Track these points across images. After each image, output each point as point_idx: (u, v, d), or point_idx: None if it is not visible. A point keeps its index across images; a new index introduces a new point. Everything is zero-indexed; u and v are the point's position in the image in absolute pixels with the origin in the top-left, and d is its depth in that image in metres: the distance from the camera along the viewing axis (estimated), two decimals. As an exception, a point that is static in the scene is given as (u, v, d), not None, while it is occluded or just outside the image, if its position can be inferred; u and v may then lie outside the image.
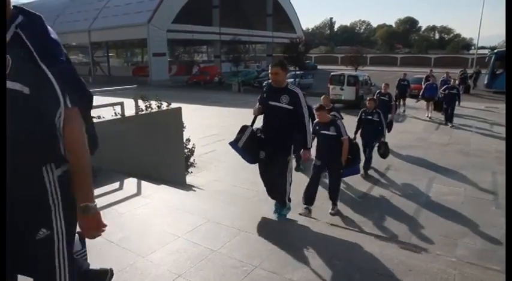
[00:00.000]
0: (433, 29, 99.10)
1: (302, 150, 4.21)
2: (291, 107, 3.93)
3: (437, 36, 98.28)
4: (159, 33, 33.04)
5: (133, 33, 34.50)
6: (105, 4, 38.24)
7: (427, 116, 14.62)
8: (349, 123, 6.95)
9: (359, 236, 4.02)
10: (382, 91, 10.10)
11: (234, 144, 4.10)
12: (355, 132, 7.63)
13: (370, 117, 7.57)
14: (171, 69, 37.59)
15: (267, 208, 4.60)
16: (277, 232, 3.48)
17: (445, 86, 13.91)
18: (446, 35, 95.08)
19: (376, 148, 7.94)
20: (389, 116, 9.25)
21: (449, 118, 13.19)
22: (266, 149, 4.12)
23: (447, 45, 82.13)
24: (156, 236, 3.38)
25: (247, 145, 4.06)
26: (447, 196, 6.58)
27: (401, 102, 15.80)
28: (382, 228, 5.41)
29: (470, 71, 26.19)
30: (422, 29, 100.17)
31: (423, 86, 15.40)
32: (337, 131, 5.42)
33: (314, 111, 5.69)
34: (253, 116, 4.26)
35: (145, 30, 32.47)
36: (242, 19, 46.12)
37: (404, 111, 16.00)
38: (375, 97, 8.83)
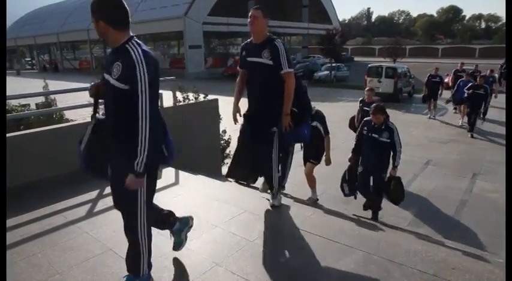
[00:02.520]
0: (478, 17, 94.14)
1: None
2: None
3: (483, 25, 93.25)
4: (195, 25, 33.41)
5: (170, 26, 35.05)
6: (144, -2, 39.06)
7: (460, 123, 11.90)
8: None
9: (398, 233, 3.92)
10: (366, 100, 7.02)
11: (78, 146, 2.52)
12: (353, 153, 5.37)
13: (376, 136, 4.92)
14: (207, 62, 37.97)
15: (304, 200, 4.57)
16: (315, 224, 3.46)
17: (470, 84, 10.72)
18: (493, 24, 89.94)
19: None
20: None
21: (471, 125, 10.54)
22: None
23: (494, 35, 77.64)
24: (193, 225, 3.45)
25: (93, 147, 2.45)
26: (491, 193, 6.28)
27: (431, 105, 13.07)
28: (421, 225, 5.26)
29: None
30: (467, 17, 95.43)
31: (452, 84, 12.83)
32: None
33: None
34: None
35: (182, 23, 32.90)
36: (277, 10, 45.65)
37: (434, 116, 13.20)
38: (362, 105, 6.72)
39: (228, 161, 7.68)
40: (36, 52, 56.24)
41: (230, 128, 7.99)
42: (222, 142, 7.39)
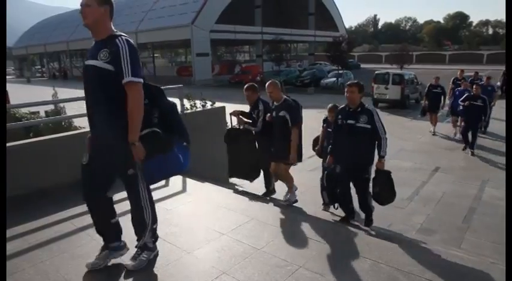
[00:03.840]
0: (486, 23, 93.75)
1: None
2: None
3: (490, 31, 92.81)
4: (202, 33, 33.72)
5: (178, 34, 35.42)
6: (152, 7, 39.59)
7: (453, 135, 10.97)
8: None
9: (406, 240, 3.89)
10: (330, 120, 5.29)
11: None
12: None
13: (353, 121, 4.14)
14: (214, 69, 38.23)
15: (312, 207, 4.56)
16: (323, 232, 3.44)
17: (465, 95, 9.26)
18: (501, 30, 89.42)
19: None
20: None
21: (471, 142, 9.12)
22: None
23: (502, 41, 77.18)
24: (200, 232, 3.46)
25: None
26: (500, 200, 6.20)
27: (433, 119, 11.55)
28: (430, 232, 5.20)
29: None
30: (474, 24, 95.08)
31: (450, 93, 11.45)
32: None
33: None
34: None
35: (189, 31, 33.24)
36: (284, 18, 45.95)
37: (434, 132, 11.58)
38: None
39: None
40: (46, 60, 57.13)
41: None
42: (229, 149, 7.40)
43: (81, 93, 2.84)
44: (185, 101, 6.49)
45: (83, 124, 7.87)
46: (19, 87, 30.90)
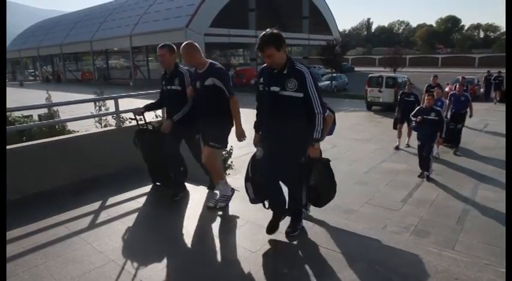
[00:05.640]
0: (477, 27, 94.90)
1: None
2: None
3: (482, 34, 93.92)
4: (196, 37, 33.71)
5: (172, 37, 35.36)
6: (146, 10, 39.58)
7: (435, 153, 8.85)
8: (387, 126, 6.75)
9: (401, 242, 3.91)
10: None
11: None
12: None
13: (277, 88, 3.03)
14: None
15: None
16: (316, 235, 3.45)
17: (417, 108, 7.82)
18: (492, 33, 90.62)
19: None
20: None
21: (425, 166, 7.60)
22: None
23: (493, 44, 78.11)
24: (195, 235, 3.46)
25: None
26: (493, 202, 6.27)
27: (401, 130, 10.19)
28: (423, 234, 5.24)
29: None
30: (466, 27, 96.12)
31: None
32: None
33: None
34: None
35: (183, 35, 33.22)
36: (278, 22, 46.07)
37: (407, 144, 10.18)
38: None
39: (230, 172, 7.69)
40: (39, 63, 56.83)
41: (231, 139, 8.03)
42: (223, 152, 7.40)
43: (71, 96, 2.84)
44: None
45: (76, 128, 7.84)
46: (12, 91, 30.65)
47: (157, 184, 4.75)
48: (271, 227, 3.27)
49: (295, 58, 3.80)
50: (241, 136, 3.81)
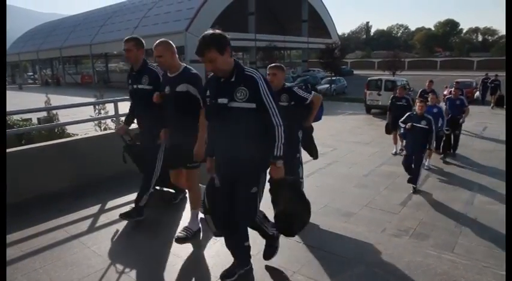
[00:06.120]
0: (475, 30, 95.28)
1: None
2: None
3: (480, 38, 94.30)
4: (196, 40, 33.43)
5: (172, 40, 34.80)
6: (146, 14, 39.72)
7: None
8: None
9: (400, 245, 3.91)
10: None
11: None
12: None
13: (224, 100, 2.57)
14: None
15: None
16: (317, 238, 3.46)
17: (407, 114, 7.18)
18: (490, 37, 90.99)
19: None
20: None
21: (413, 176, 6.94)
22: None
23: (491, 48, 78.42)
24: (194, 239, 3.45)
25: None
26: (491, 205, 6.27)
27: (397, 137, 9.60)
28: (422, 237, 5.24)
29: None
30: (464, 31, 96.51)
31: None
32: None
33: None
34: None
35: (183, 38, 33.31)
36: (277, 25, 46.35)
37: (401, 149, 9.44)
38: None
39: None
40: (39, 67, 56.87)
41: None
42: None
43: (71, 100, 2.86)
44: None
45: (75, 131, 7.85)
46: (11, 94, 30.64)
47: (157, 188, 4.74)
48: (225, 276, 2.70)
49: (294, 62, 3.82)
50: (198, 156, 3.15)
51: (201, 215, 3.40)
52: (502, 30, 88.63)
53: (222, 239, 3.34)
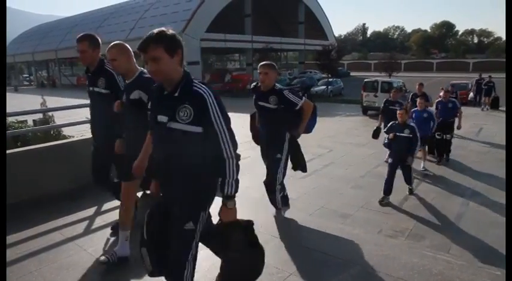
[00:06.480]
0: (471, 32, 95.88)
1: None
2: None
3: (475, 40, 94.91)
4: (192, 42, 33.81)
5: (168, 42, 35.46)
6: (142, 15, 39.71)
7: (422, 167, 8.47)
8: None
9: (396, 246, 3.92)
10: None
11: None
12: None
13: None
14: (204, 77, 38.32)
15: (302, 215, 4.58)
16: (312, 239, 3.46)
17: (390, 123, 6.59)
18: (485, 39, 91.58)
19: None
20: None
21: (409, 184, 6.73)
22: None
23: (486, 49, 78.95)
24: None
25: None
26: (488, 206, 6.30)
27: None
28: (418, 238, 5.25)
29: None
30: (460, 33, 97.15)
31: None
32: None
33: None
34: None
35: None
36: (274, 27, 46.43)
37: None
38: None
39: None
40: (35, 68, 56.68)
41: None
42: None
43: (67, 101, 2.84)
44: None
45: (72, 133, 7.82)
46: (9, 97, 30.54)
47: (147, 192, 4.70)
48: None
49: (291, 63, 3.77)
50: (136, 171, 2.70)
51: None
52: (497, 32, 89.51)
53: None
